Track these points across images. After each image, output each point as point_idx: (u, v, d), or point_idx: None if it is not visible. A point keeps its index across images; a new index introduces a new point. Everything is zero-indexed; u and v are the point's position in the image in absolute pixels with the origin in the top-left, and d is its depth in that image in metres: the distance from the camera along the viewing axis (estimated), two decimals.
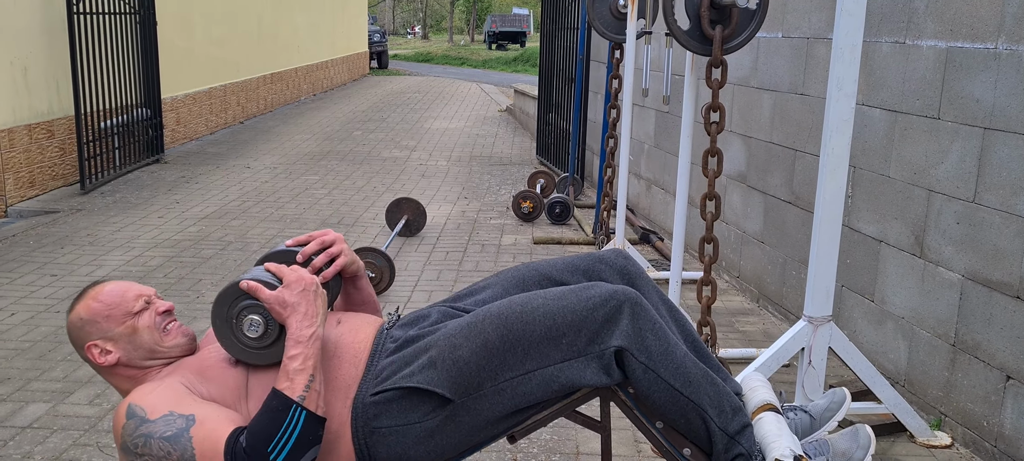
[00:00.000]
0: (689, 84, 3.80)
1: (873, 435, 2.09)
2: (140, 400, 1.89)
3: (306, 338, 1.90)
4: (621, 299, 1.93)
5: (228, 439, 1.81)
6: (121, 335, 2.02)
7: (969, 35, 3.15)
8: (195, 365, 2.03)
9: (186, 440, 1.82)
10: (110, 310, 2.03)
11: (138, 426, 1.84)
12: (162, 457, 1.82)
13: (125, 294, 2.06)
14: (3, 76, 6.77)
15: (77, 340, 2.05)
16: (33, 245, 5.90)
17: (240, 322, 1.97)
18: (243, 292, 1.97)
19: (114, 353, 2.03)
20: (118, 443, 1.89)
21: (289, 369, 1.87)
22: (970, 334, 3.17)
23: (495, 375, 1.91)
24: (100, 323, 2.02)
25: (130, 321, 2.03)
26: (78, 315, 2.04)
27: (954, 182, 3.23)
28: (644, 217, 6.81)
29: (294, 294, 1.94)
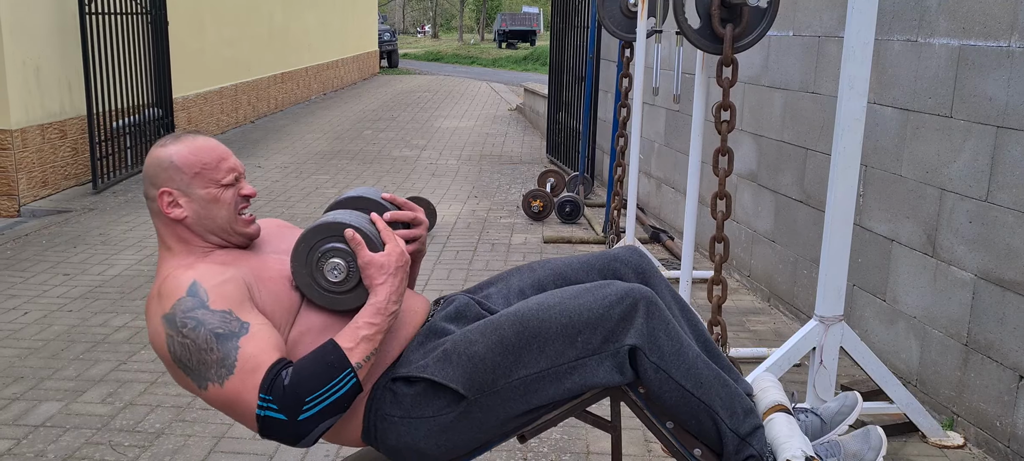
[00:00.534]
0: (700, 83, 3.79)
1: (884, 436, 2.08)
2: (206, 282, 1.83)
3: (389, 312, 1.88)
4: (636, 297, 1.93)
5: (272, 368, 1.77)
6: (200, 198, 1.95)
7: (982, 33, 3.14)
8: (256, 268, 1.96)
9: (233, 348, 1.78)
10: (201, 168, 1.95)
11: (195, 308, 1.80)
12: (204, 349, 1.78)
13: (222, 161, 1.98)
14: (16, 76, 6.81)
15: (153, 178, 1.96)
16: (46, 244, 5.94)
17: (324, 261, 1.92)
18: (342, 237, 1.92)
19: (184, 211, 1.95)
20: (161, 309, 1.83)
21: (359, 334, 1.83)
22: (983, 333, 3.15)
23: (509, 372, 1.91)
24: (186, 175, 1.94)
25: (214, 190, 1.96)
26: (168, 155, 1.95)
27: (966, 181, 3.21)
28: (654, 216, 6.80)
29: (394, 265, 1.91)
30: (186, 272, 1.87)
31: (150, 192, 1.97)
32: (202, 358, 1.79)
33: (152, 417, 3.40)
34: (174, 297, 1.82)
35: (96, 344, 4.14)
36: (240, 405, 1.79)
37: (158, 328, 1.84)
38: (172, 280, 1.86)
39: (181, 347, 1.80)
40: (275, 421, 1.76)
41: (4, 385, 3.67)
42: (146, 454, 3.11)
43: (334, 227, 1.93)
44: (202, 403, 3.51)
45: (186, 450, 3.14)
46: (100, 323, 4.42)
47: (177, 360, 1.82)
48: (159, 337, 1.84)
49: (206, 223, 1.96)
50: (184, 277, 1.85)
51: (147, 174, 1.98)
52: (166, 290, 1.85)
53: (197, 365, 1.80)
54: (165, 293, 1.84)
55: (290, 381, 1.76)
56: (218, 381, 1.79)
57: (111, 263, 5.49)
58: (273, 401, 1.75)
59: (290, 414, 1.76)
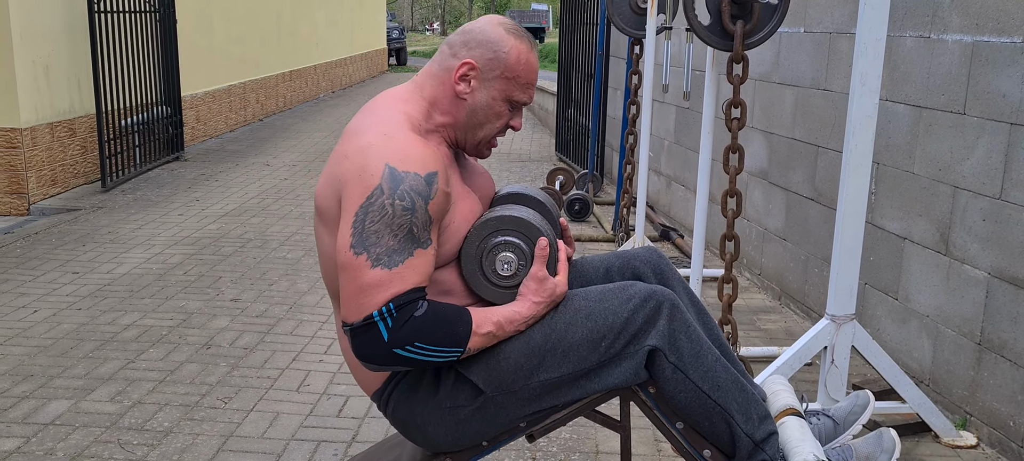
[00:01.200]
0: (710, 80, 3.76)
1: (898, 439, 2.06)
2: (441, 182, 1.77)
3: (517, 329, 1.88)
4: (660, 299, 1.92)
5: (416, 290, 1.75)
6: (489, 97, 1.91)
7: (995, 29, 3.10)
8: (460, 194, 1.92)
9: (409, 252, 1.74)
10: (515, 76, 1.91)
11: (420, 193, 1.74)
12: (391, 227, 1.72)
13: (529, 87, 1.94)
14: (25, 75, 6.82)
15: (471, 44, 1.90)
16: (55, 243, 5.95)
17: (499, 249, 1.91)
18: (531, 240, 1.91)
19: (470, 93, 1.90)
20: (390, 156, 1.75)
21: (486, 328, 1.83)
22: (996, 333, 3.12)
23: (530, 376, 1.90)
24: (499, 69, 1.90)
25: (503, 103, 1.93)
26: (506, 44, 1.89)
27: (980, 178, 3.18)
28: (664, 214, 6.78)
29: (552, 295, 1.90)
30: (433, 153, 1.80)
31: (459, 52, 1.91)
32: (381, 230, 1.73)
33: (161, 416, 3.39)
34: (413, 165, 1.75)
35: (105, 342, 4.14)
36: (366, 294, 1.73)
37: (374, 165, 1.75)
38: (419, 147, 1.79)
39: (379, 207, 1.73)
40: (376, 334, 1.73)
41: (13, 383, 3.68)
42: (155, 453, 3.11)
43: (531, 229, 1.92)
44: (210, 402, 3.50)
45: (194, 448, 3.14)
46: (109, 322, 4.42)
47: (362, 209, 1.74)
48: (367, 171, 1.75)
49: (469, 118, 1.92)
50: (430, 156, 1.78)
51: (472, 33, 1.91)
52: (409, 147, 1.77)
53: (370, 231, 1.73)
54: (407, 148, 1.77)
55: (420, 316, 1.74)
56: (372, 259, 1.73)
57: (120, 261, 5.50)
58: (395, 319, 1.73)
59: (394, 340, 1.73)
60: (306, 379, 3.75)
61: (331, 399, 3.56)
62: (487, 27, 1.91)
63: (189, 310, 4.59)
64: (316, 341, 4.18)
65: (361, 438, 3.24)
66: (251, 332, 4.29)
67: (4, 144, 6.79)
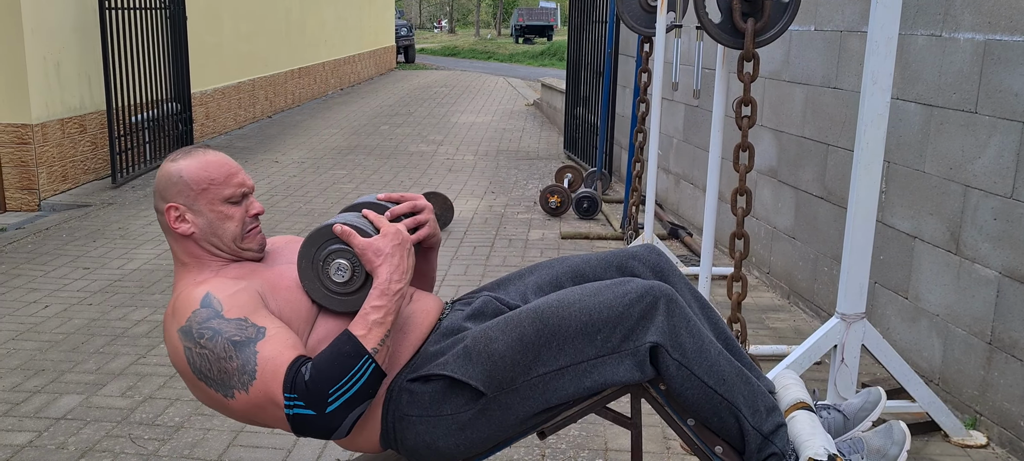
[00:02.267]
0: (720, 78, 3.76)
1: (908, 431, 2.06)
2: (219, 293, 1.86)
3: (393, 292, 1.87)
4: (657, 295, 1.91)
5: (291, 366, 1.78)
6: (206, 215, 1.96)
7: (1008, 27, 3.09)
8: (269, 279, 1.98)
9: (252, 352, 1.79)
10: (209, 185, 1.96)
11: (210, 318, 1.82)
12: (222, 358, 1.80)
13: (230, 177, 1.98)
14: (36, 71, 6.85)
15: (162, 192, 1.97)
16: (66, 238, 5.98)
17: (327, 265, 1.93)
18: (334, 235, 1.93)
19: (190, 226, 1.96)
20: (177, 322, 1.85)
21: (369, 319, 1.84)
22: (1007, 332, 3.11)
23: (529, 370, 1.90)
24: (193, 191, 1.95)
25: (221, 207, 1.97)
26: (177, 170, 1.95)
27: (991, 177, 3.17)
28: (672, 212, 6.77)
29: (390, 245, 1.91)
30: (199, 287, 1.89)
31: (159, 205, 1.99)
32: (222, 367, 1.81)
33: (171, 411, 3.41)
34: (189, 310, 1.85)
35: (116, 338, 4.16)
36: (268, 408, 1.81)
37: (176, 343, 1.86)
38: (185, 295, 1.89)
39: (200, 358, 1.82)
40: (305, 417, 1.78)
41: (26, 378, 3.70)
42: (165, 447, 3.12)
43: (324, 230, 1.95)
44: None
45: (205, 444, 3.15)
46: (119, 317, 4.44)
47: (198, 372, 1.84)
48: (177, 352, 1.86)
49: (215, 239, 1.98)
50: (197, 291, 1.87)
51: (157, 188, 1.99)
52: (180, 305, 1.87)
53: (218, 375, 1.82)
54: (180, 308, 1.87)
55: (311, 376, 1.77)
56: (242, 388, 1.81)
57: (130, 257, 5.52)
58: (298, 398, 1.77)
59: (317, 408, 1.76)
60: None
61: None
62: (161, 172, 1.99)
63: None
64: None
65: None
66: None
67: (15, 140, 6.82)
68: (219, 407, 1.90)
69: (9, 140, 6.82)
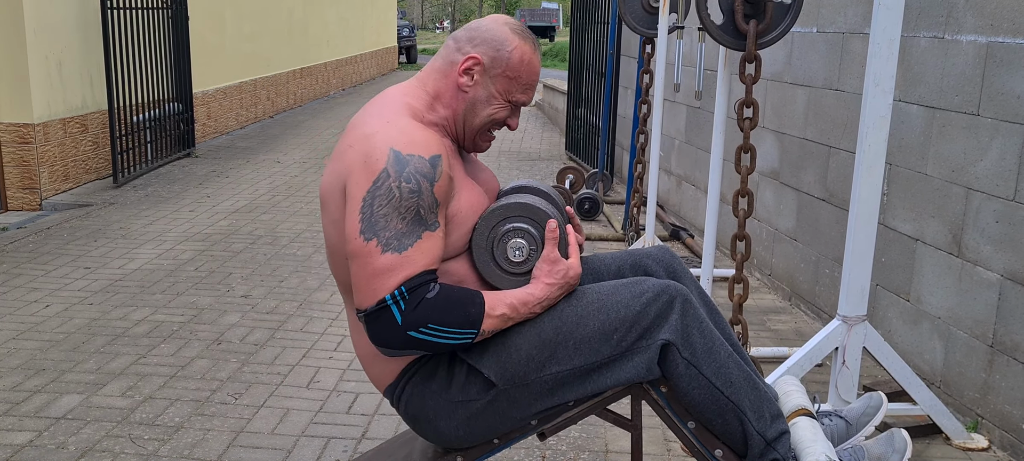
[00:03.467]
0: (722, 79, 3.75)
1: (909, 440, 2.06)
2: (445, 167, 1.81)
3: (531, 312, 1.88)
4: (673, 294, 1.92)
5: (426, 273, 1.77)
6: (491, 91, 1.94)
7: (1011, 30, 3.09)
8: (465, 182, 1.95)
9: (417, 235, 1.76)
10: (516, 76, 1.94)
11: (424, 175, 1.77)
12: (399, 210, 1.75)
13: (530, 88, 1.97)
14: (38, 70, 6.85)
15: (481, 41, 1.93)
16: (67, 238, 5.98)
17: (510, 236, 1.92)
18: (540, 225, 1.92)
19: (475, 89, 1.93)
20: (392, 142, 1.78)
21: (500, 310, 1.84)
22: (1009, 335, 3.10)
23: (542, 368, 1.90)
24: (501, 67, 1.93)
25: (502, 99, 1.95)
26: (512, 46, 1.93)
27: (993, 180, 3.17)
28: (674, 214, 6.77)
29: (566, 278, 1.91)
30: (436, 138, 1.84)
31: (464, 48, 1.94)
32: (389, 213, 1.75)
33: (172, 411, 3.41)
34: (417, 148, 1.79)
35: (116, 337, 4.16)
36: (378, 279, 1.75)
37: (379, 151, 1.78)
38: (423, 132, 1.82)
39: (386, 190, 1.76)
40: (390, 317, 1.75)
41: (26, 377, 3.69)
42: (165, 447, 3.12)
43: (539, 214, 1.93)
44: (221, 398, 3.51)
45: (205, 444, 3.15)
46: (120, 317, 4.44)
47: (370, 194, 1.76)
48: (372, 157, 1.78)
49: (467, 110, 1.95)
50: (433, 141, 1.82)
51: (478, 30, 1.94)
52: (412, 133, 1.81)
53: (379, 216, 1.75)
54: (409, 133, 1.80)
55: (432, 298, 1.76)
56: (382, 244, 1.75)
57: (131, 257, 5.52)
58: (408, 301, 1.74)
59: (408, 323, 1.75)
60: (316, 375, 3.76)
61: (341, 396, 3.56)
62: (493, 26, 1.95)
63: (200, 306, 4.61)
64: (326, 338, 4.19)
65: (371, 435, 3.25)
66: (261, 328, 4.30)
67: (17, 139, 6.83)
68: (339, 239, 1.86)
69: (11, 139, 6.83)
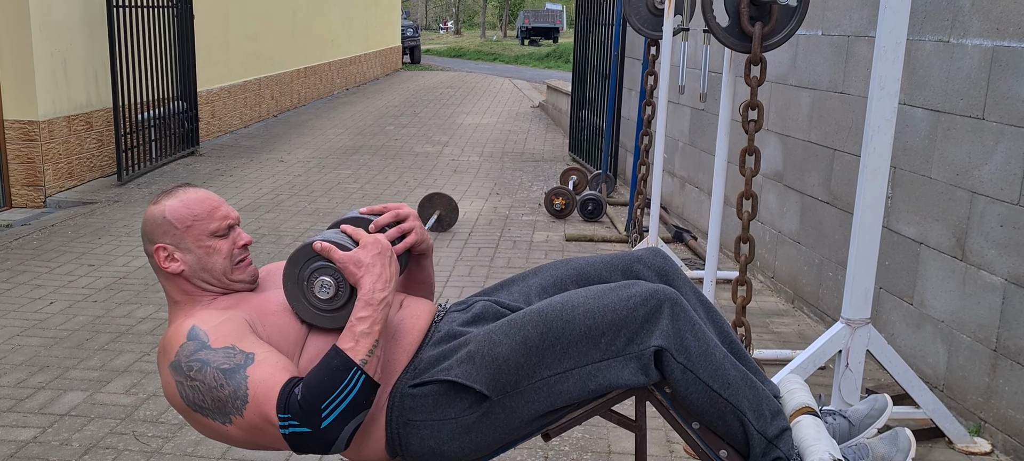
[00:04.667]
0: (726, 81, 3.75)
1: (913, 439, 2.05)
2: (204, 324, 1.88)
3: (378, 301, 1.87)
4: (661, 298, 1.91)
5: (284, 387, 1.79)
6: (194, 251, 1.98)
7: (1016, 34, 3.09)
8: (257, 305, 1.99)
9: (242, 378, 1.80)
10: (193, 221, 1.98)
11: (197, 350, 1.83)
12: (214, 387, 1.81)
13: (214, 211, 2.01)
14: (44, 68, 6.87)
15: (148, 235, 2.00)
16: (71, 235, 5.99)
17: (311, 283, 1.94)
18: (315, 253, 1.94)
19: (180, 264, 1.98)
20: (167, 359, 1.87)
21: (356, 330, 1.84)
22: (1012, 339, 3.10)
23: (532, 373, 1.89)
24: (178, 230, 1.98)
25: (208, 241, 1.99)
26: (161, 212, 1.98)
27: (998, 184, 3.17)
28: (677, 215, 6.77)
29: (370, 255, 1.91)
30: (186, 321, 1.91)
31: (148, 248, 2.01)
32: (215, 395, 1.82)
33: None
34: (177, 345, 1.87)
35: (120, 335, 4.16)
36: (266, 429, 1.82)
37: (168, 379, 1.88)
38: (173, 331, 1.91)
39: (192, 390, 1.84)
40: (301, 435, 1.78)
41: (30, 374, 3.70)
42: (169, 445, 3.12)
43: (305, 250, 1.96)
44: None
45: (208, 442, 3.15)
46: (124, 314, 4.44)
47: (192, 405, 1.86)
48: (170, 387, 1.89)
49: (205, 274, 2.00)
50: (184, 325, 1.89)
51: (144, 231, 2.02)
52: (169, 342, 1.90)
53: (213, 404, 1.83)
54: (168, 345, 1.89)
55: (302, 395, 1.78)
56: (238, 412, 1.82)
57: (135, 254, 5.52)
58: (292, 417, 1.77)
59: (312, 424, 1.77)
60: None
61: None
62: (145, 215, 2.01)
63: None
64: None
65: None
66: None
67: (21, 137, 6.84)
68: (220, 436, 1.92)
69: (16, 136, 6.84)
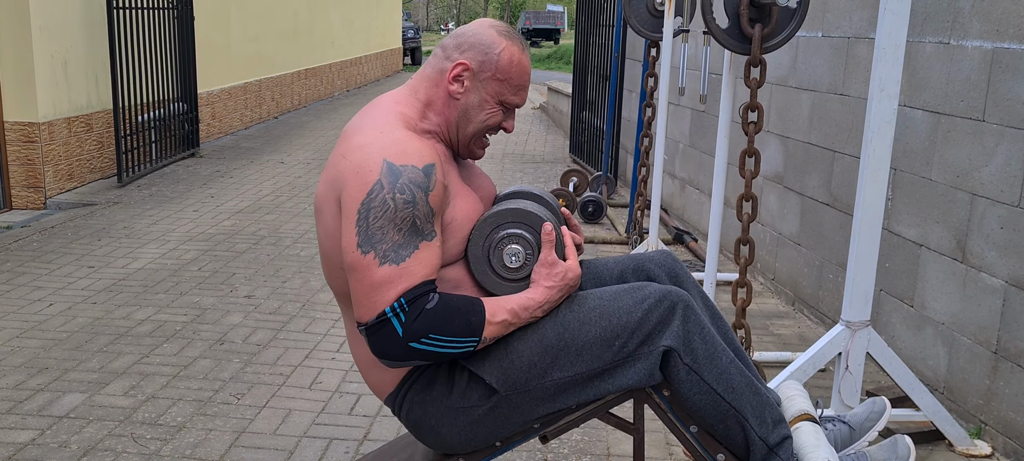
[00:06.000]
0: (727, 83, 3.75)
1: (912, 445, 2.05)
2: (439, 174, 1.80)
3: (533, 316, 1.87)
4: (674, 300, 1.91)
5: (425, 283, 1.76)
6: (483, 95, 1.93)
7: (1016, 35, 3.08)
8: (456, 181, 1.93)
9: (414, 246, 1.74)
10: (507, 78, 1.93)
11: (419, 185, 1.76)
12: (394, 222, 1.73)
13: (522, 88, 1.96)
14: (44, 69, 6.87)
15: (466, 45, 1.92)
16: (71, 237, 5.98)
17: (505, 243, 1.91)
18: (536, 230, 1.91)
19: (462, 94, 1.92)
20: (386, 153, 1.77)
21: (501, 316, 1.83)
22: (1013, 341, 3.09)
23: (544, 375, 1.90)
24: (490, 70, 1.92)
25: (495, 101, 1.94)
26: (498, 46, 1.92)
27: (998, 186, 3.16)
28: (678, 217, 6.76)
29: (566, 281, 1.90)
30: (430, 147, 1.82)
31: (453, 54, 1.93)
32: (384, 225, 1.74)
33: (174, 410, 3.41)
34: (410, 158, 1.77)
35: (119, 336, 4.16)
36: (377, 292, 1.75)
37: (372, 162, 1.77)
38: (416, 142, 1.81)
39: (380, 202, 1.74)
40: (391, 330, 1.74)
41: (29, 376, 3.70)
42: (168, 447, 3.12)
43: (533, 219, 1.91)
44: (223, 398, 3.51)
45: (207, 444, 3.15)
46: (123, 316, 4.44)
47: (364, 207, 1.76)
48: (365, 168, 1.77)
49: (461, 116, 1.94)
50: (427, 150, 1.81)
51: (464, 39, 1.93)
52: (405, 143, 1.80)
53: (375, 229, 1.74)
54: (403, 144, 1.79)
55: (432, 309, 1.75)
56: (379, 257, 1.74)
57: (135, 256, 5.52)
58: (408, 313, 1.74)
59: (409, 335, 1.74)
60: (318, 376, 3.76)
61: (343, 397, 3.56)
62: (480, 30, 1.94)
63: (203, 306, 4.61)
64: (329, 338, 4.19)
65: (373, 436, 3.25)
66: (264, 329, 4.30)
67: (22, 138, 6.84)
68: (333, 249, 1.85)
69: (16, 138, 6.84)
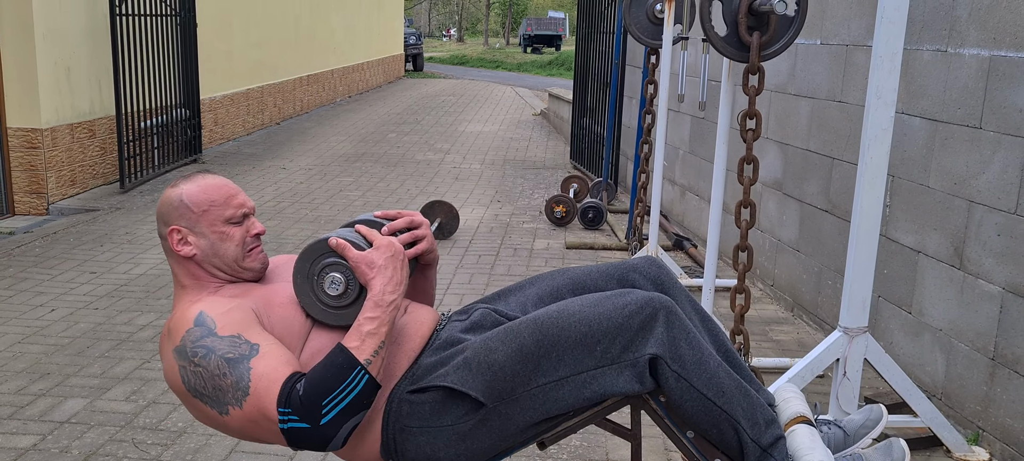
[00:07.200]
0: (726, 90, 3.77)
1: (907, 449, 2.06)
2: (211, 311, 1.89)
3: (387, 304, 1.89)
4: (656, 306, 1.92)
5: (286, 381, 1.80)
6: (208, 236, 2.00)
7: (1013, 44, 3.10)
8: (264, 296, 2.01)
9: (246, 369, 1.81)
10: (209, 206, 2.00)
11: (204, 336, 1.84)
12: (216, 376, 1.82)
13: (230, 198, 2.03)
14: (47, 76, 6.90)
15: (163, 217, 2.02)
16: (73, 242, 6.00)
17: (322, 278, 1.96)
18: (329, 249, 1.96)
19: (192, 248, 1.99)
20: (172, 343, 1.88)
21: (362, 330, 1.85)
22: (1010, 348, 3.11)
23: (528, 380, 1.90)
24: (194, 214, 1.99)
25: (222, 227, 2.00)
26: (178, 195, 2.00)
27: (996, 193, 3.17)
28: (678, 223, 6.77)
29: (383, 257, 1.93)
30: (193, 306, 1.92)
31: (161, 230, 2.03)
32: (217, 384, 1.83)
33: (175, 416, 3.42)
34: (183, 330, 1.87)
35: (121, 342, 4.18)
36: (263, 423, 1.82)
37: (171, 363, 1.89)
38: (180, 315, 1.92)
39: (195, 376, 1.85)
40: (299, 430, 1.79)
41: (31, 381, 3.72)
42: (168, 452, 3.13)
43: (319, 245, 1.97)
44: None
45: (207, 449, 3.16)
46: (125, 321, 4.46)
47: (193, 390, 1.86)
48: (173, 371, 1.89)
49: (216, 260, 2.01)
50: (191, 310, 1.90)
51: (159, 213, 2.03)
52: (175, 326, 1.90)
53: (213, 392, 1.84)
54: (174, 328, 1.90)
55: (304, 390, 1.79)
56: (237, 404, 1.83)
57: (137, 262, 5.54)
58: (292, 412, 1.78)
59: (311, 421, 1.78)
60: None
61: None
62: (163, 197, 2.03)
63: None
64: None
65: None
66: None
67: (25, 144, 6.87)
68: (215, 424, 1.92)
69: (19, 144, 6.87)
